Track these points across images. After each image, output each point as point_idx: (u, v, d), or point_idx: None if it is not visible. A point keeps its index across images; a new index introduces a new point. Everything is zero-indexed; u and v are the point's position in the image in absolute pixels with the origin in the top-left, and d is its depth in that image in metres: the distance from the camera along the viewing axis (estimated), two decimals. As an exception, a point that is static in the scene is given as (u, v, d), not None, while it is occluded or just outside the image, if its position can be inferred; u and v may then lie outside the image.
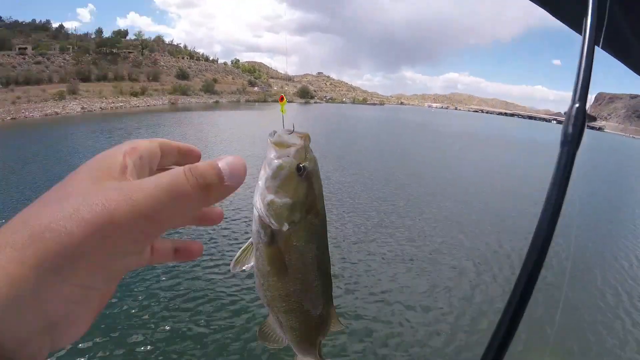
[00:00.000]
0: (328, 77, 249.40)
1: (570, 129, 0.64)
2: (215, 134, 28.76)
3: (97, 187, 0.38)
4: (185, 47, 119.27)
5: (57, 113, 47.49)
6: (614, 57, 1.11)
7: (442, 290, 7.35)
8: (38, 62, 67.71)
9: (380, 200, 13.08)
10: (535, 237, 0.63)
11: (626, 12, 0.91)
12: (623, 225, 13.25)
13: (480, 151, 32.34)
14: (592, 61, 0.66)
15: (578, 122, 0.64)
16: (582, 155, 0.65)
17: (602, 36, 0.71)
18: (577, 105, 0.65)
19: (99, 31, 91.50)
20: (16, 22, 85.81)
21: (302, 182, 0.61)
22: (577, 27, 0.89)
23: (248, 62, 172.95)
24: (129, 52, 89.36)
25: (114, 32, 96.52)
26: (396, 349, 5.66)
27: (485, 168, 22.88)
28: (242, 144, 23.15)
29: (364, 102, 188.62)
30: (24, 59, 67.07)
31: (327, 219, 0.67)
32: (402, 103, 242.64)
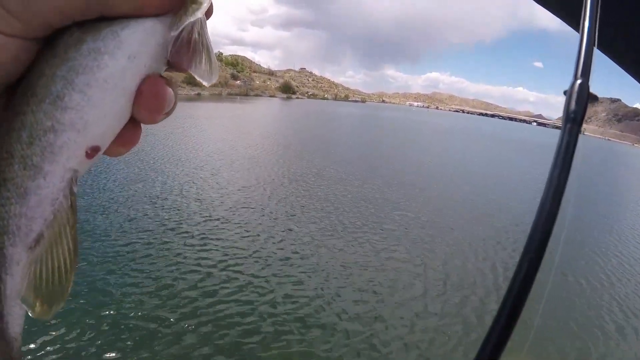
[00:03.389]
0: (311, 73, 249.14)
1: (573, 106, 0.58)
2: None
3: None
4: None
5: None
6: (610, 58, 1.08)
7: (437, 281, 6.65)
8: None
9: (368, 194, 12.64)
10: (537, 219, 0.57)
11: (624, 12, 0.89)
12: (610, 227, 12.72)
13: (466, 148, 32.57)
14: (595, 35, 0.61)
15: (582, 99, 0.58)
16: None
17: (597, 36, 0.65)
18: (579, 81, 0.59)
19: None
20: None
21: None
22: (575, 24, 0.88)
23: (231, 55, 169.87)
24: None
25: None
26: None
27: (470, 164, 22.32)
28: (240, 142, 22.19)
29: (346, 98, 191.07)
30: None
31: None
32: (383, 101, 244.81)
